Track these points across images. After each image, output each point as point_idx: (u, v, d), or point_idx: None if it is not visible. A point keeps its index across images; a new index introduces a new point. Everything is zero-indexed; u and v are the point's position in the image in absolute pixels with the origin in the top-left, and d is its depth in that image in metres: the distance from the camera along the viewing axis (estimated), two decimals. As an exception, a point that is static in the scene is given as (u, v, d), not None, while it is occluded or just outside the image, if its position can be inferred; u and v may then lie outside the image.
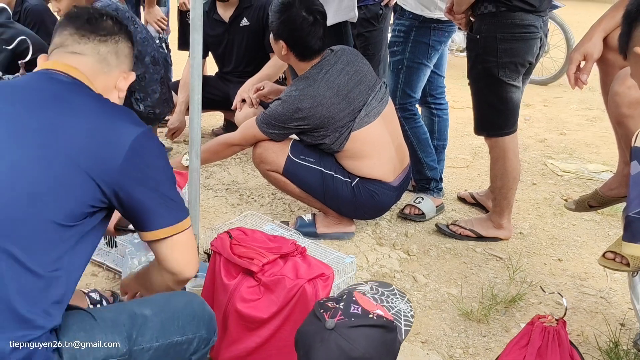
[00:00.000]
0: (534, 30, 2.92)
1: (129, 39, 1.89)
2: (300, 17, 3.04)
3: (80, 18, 1.80)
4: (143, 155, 1.65)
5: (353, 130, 3.07)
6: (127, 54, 1.88)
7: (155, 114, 4.04)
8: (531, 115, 5.52)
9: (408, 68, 3.38)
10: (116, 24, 1.85)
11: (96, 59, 1.78)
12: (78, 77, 1.72)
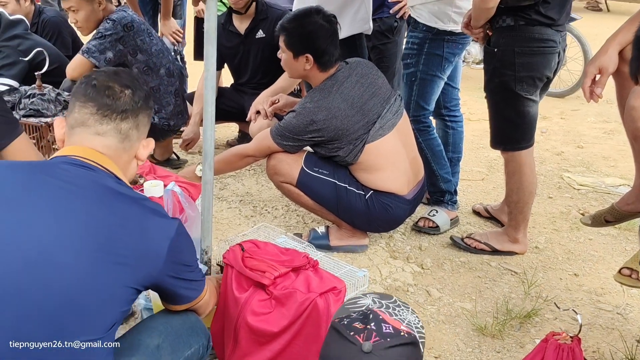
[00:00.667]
0: (553, 45, 2.89)
1: (148, 105, 1.87)
2: (320, 26, 3.06)
3: (99, 92, 1.77)
4: (180, 252, 1.73)
5: (367, 142, 3.06)
6: (146, 123, 1.86)
7: (170, 126, 4.07)
8: (548, 128, 5.48)
9: (422, 80, 3.36)
10: (135, 92, 1.82)
11: (118, 138, 1.77)
12: (107, 166, 1.72)
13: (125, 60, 3.81)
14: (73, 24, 3.81)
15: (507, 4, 2.83)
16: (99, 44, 3.68)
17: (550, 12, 2.84)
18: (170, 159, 4.31)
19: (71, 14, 3.74)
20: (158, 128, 4.04)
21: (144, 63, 3.87)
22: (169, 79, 4.02)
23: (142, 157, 1.86)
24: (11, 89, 3.60)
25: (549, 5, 2.82)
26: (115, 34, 3.70)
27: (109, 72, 1.86)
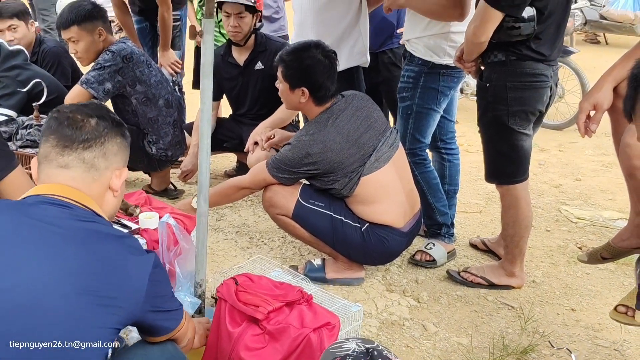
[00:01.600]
0: (544, 80, 2.91)
1: (117, 133, 1.82)
2: (318, 61, 3.08)
3: (61, 124, 1.74)
4: (158, 285, 1.72)
5: (363, 175, 3.06)
6: (116, 152, 1.81)
7: (167, 157, 4.07)
8: (546, 160, 5.49)
9: (417, 113, 3.37)
10: (101, 121, 1.79)
11: (83, 168, 1.73)
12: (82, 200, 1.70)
13: (124, 91, 3.83)
14: (73, 54, 3.84)
15: (498, 39, 2.85)
16: (98, 75, 3.70)
17: (541, 48, 2.86)
18: (168, 189, 4.31)
19: (71, 45, 3.77)
20: (156, 158, 4.05)
21: (143, 94, 3.89)
22: (168, 110, 4.03)
23: (115, 187, 1.81)
24: (9, 120, 3.62)
25: (540, 41, 2.85)
26: (114, 66, 3.72)
27: (76, 105, 1.84)
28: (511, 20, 2.79)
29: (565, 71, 6.16)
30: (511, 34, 2.82)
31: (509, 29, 2.81)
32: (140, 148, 3.98)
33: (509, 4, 2.75)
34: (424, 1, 3.21)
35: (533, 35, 2.82)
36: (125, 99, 3.89)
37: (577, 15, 8.54)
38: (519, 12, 2.77)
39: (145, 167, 4.22)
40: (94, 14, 3.73)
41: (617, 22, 8.60)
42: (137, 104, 3.90)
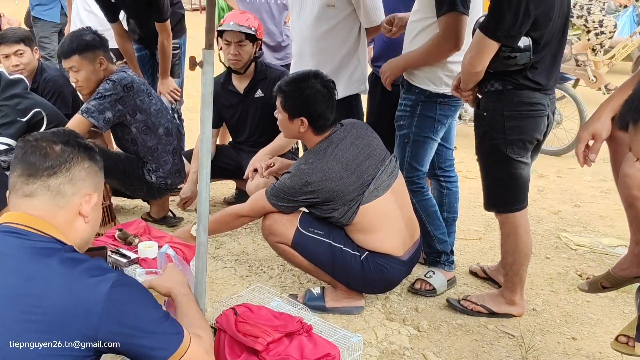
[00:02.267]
0: (541, 108, 2.93)
1: (85, 157, 1.81)
2: (317, 91, 3.10)
3: (25, 152, 1.74)
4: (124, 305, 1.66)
5: (362, 204, 3.06)
6: (84, 177, 1.80)
7: (167, 185, 4.08)
8: (545, 187, 5.49)
9: (414, 142, 3.38)
10: (66, 146, 1.78)
11: (48, 196, 1.73)
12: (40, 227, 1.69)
13: (124, 120, 3.84)
14: (74, 83, 3.86)
15: (495, 69, 2.87)
16: (99, 104, 3.72)
17: (537, 78, 2.88)
18: (167, 217, 4.31)
19: (72, 74, 3.79)
20: (155, 187, 4.06)
21: (143, 123, 3.90)
22: (167, 138, 4.05)
23: (85, 213, 1.79)
24: (8, 149, 3.62)
25: (536, 70, 2.87)
26: (115, 95, 3.74)
27: (42, 132, 1.84)
28: (507, 50, 2.81)
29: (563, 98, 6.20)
30: (507, 64, 2.84)
31: (505, 58, 2.83)
32: (140, 176, 3.98)
33: (504, 34, 2.77)
34: (419, 52, 3.24)
35: (529, 65, 2.84)
36: (125, 128, 3.90)
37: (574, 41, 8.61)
38: (515, 42, 2.80)
39: (144, 195, 4.22)
40: (95, 43, 3.76)
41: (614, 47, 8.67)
42: (137, 132, 3.91)
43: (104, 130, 3.84)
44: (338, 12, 3.66)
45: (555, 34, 2.89)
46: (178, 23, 4.91)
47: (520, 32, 2.78)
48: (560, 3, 2.86)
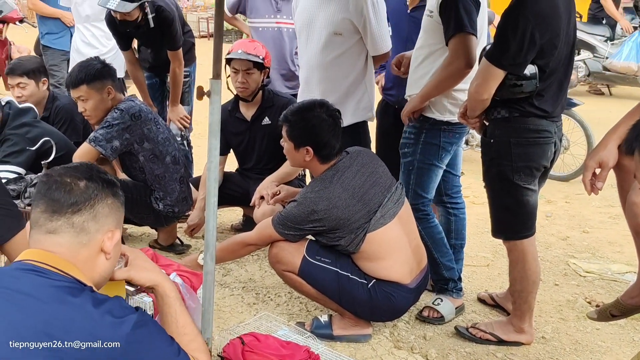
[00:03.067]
0: (548, 136, 2.93)
1: (108, 193, 1.80)
2: (322, 120, 3.11)
3: (49, 188, 1.73)
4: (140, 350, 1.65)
5: (368, 231, 3.06)
6: (107, 213, 1.79)
7: (174, 213, 4.09)
8: (553, 212, 5.48)
9: (419, 169, 3.39)
10: (91, 182, 1.77)
11: (71, 233, 1.71)
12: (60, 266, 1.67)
13: (132, 148, 3.87)
14: (82, 112, 3.89)
15: (501, 96, 2.88)
16: (106, 132, 3.74)
17: (544, 105, 2.89)
18: (175, 244, 4.32)
19: (80, 103, 3.82)
20: (163, 214, 4.07)
21: (150, 151, 3.92)
22: (175, 166, 4.07)
23: (108, 250, 1.78)
24: (17, 178, 3.65)
25: (543, 98, 2.88)
26: (122, 123, 3.77)
27: (65, 167, 1.82)
28: (513, 78, 2.83)
29: (570, 123, 6.20)
30: (514, 92, 2.85)
31: (511, 86, 2.84)
32: (147, 204, 4.00)
33: (510, 62, 2.79)
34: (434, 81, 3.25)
35: (536, 92, 2.85)
36: (133, 156, 3.92)
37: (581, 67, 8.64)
38: (521, 70, 2.81)
39: (152, 223, 4.23)
40: (103, 73, 3.80)
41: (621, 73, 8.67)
42: (145, 161, 3.93)
43: (112, 158, 3.86)
44: (345, 40, 3.69)
45: (561, 62, 2.91)
46: (188, 51, 4.96)
47: (526, 61, 2.80)
48: (566, 31, 2.88)
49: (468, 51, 3.13)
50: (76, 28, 5.29)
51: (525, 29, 2.75)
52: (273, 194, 3.65)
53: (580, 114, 6.44)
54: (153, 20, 4.43)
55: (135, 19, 4.38)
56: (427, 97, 3.29)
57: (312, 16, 3.74)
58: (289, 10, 4.58)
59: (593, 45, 8.91)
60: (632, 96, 9.25)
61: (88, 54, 4.67)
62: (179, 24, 4.59)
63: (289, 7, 4.61)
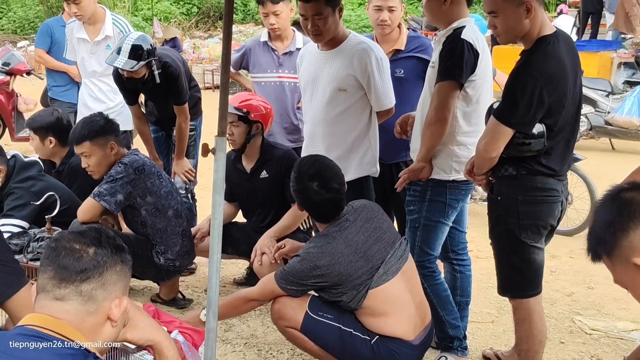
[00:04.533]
0: (555, 194, 2.94)
1: (117, 260, 1.79)
2: (312, 192, 3.12)
3: (58, 254, 1.72)
4: None
5: (371, 288, 3.04)
6: (115, 280, 1.77)
7: (175, 267, 4.08)
8: (557, 267, 5.43)
9: (425, 226, 3.38)
10: (100, 249, 1.76)
11: (79, 301, 1.70)
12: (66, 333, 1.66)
13: (135, 202, 3.88)
14: (85, 167, 3.90)
15: (509, 154, 2.89)
16: (110, 187, 3.76)
17: (551, 163, 2.90)
18: (176, 298, 4.28)
19: (83, 159, 3.85)
20: (164, 268, 4.05)
21: (153, 205, 3.93)
22: (177, 220, 4.07)
23: (115, 318, 1.76)
24: (21, 232, 3.65)
25: (550, 156, 2.89)
26: (126, 177, 3.78)
27: (74, 232, 1.81)
28: (521, 137, 2.85)
29: (573, 178, 6.19)
30: (521, 150, 2.87)
31: (519, 144, 2.86)
32: (149, 258, 3.98)
33: (519, 121, 2.81)
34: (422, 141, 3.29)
35: (543, 151, 2.87)
36: (135, 210, 3.93)
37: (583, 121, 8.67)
38: (529, 129, 2.83)
39: (153, 277, 4.21)
40: (106, 129, 3.84)
41: (623, 128, 8.71)
42: (147, 214, 3.93)
43: (116, 212, 3.87)
44: (349, 96, 3.71)
45: (568, 121, 2.93)
46: (195, 105, 5.01)
47: (534, 120, 2.82)
48: (572, 90, 2.91)
49: (444, 100, 3.16)
50: (83, 82, 5.35)
51: (533, 88, 2.78)
52: (278, 247, 3.64)
53: (583, 168, 6.45)
54: (159, 76, 4.48)
55: (142, 76, 4.43)
56: (423, 155, 3.31)
57: (316, 72, 3.77)
58: (291, 65, 4.64)
59: (594, 100, 8.96)
60: (635, 150, 9.26)
61: (96, 109, 4.72)
62: (185, 79, 4.64)
63: (290, 62, 4.67)
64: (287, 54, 4.74)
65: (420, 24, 13.05)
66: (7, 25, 20.32)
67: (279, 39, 4.76)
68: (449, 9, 3.27)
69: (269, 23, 4.65)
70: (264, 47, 4.78)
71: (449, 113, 3.19)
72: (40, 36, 6.39)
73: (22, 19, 20.17)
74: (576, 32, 13.30)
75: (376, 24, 4.01)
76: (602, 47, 11.50)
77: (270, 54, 4.75)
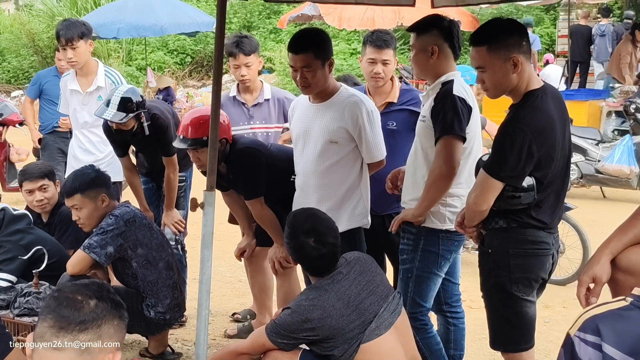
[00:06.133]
0: (546, 247, 2.95)
1: (115, 315, 1.83)
2: (309, 248, 3.11)
3: (60, 304, 1.76)
4: None
5: (363, 342, 3.01)
6: (112, 334, 1.80)
7: (166, 320, 4.03)
8: (551, 318, 5.39)
9: (417, 277, 3.37)
10: (101, 302, 1.79)
11: (76, 352, 1.73)
12: None
13: (125, 254, 3.86)
14: (76, 220, 3.89)
15: (499, 207, 2.90)
16: (101, 239, 3.74)
17: (542, 216, 2.91)
18: (165, 352, 4.22)
19: (74, 212, 3.84)
20: (154, 322, 4.00)
21: (144, 257, 3.91)
22: (168, 272, 4.04)
23: None
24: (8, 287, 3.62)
25: (540, 209, 2.90)
26: (117, 229, 3.77)
27: (77, 284, 1.85)
28: (511, 190, 2.86)
29: (564, 227, 6.19)
30: (511, 203, 2.88)
31: (509, 197, 2.87)
32: (139, 311, 3.94)
33: (508, 174, 2.83)
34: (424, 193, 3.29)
35: (533, 204, 2.87)
36: (126, 262, 3.90)
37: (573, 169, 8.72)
38: (519, 182, 2.85)
39: (142, 331, 4.15)
40: (97, 181, 3.84)
41: (613, 176, 8.76)
42: (138, 267, 3.91)
43: (106, 265, 3.84)
44: (341, 148, 3.73)
45: (558, 173, 2.95)
46: (185, 156, 4.99)
47: (524, 173, 2.84)
48: (562, 144, 2.93)
49: (451, 154, 3.19)
50: (74, 134, 5.36)
51: (522, 142, 2.80)
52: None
53: (575, 217, 6.46)
54: (148, 128, 4.50)
55: (131, 128, 4.45)
56: (423, 208, 3.30)
57: (308, 124, 3.80)
58: (261, 116, 4.74)
59: (584, 148, 9.03)
60: (626, 198, 9.29)
61: (85, 161, 4.72)
62: (174, 131, 4.66)
63: (260, 113, 4.76)
64: (256, 105, 4.79)
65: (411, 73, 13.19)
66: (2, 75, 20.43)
67: (248, 91, 4.81)
68: (436, 63, 3.33)
69: (240, 74, 4.70)
70: (234, 101, 4.83)
71: (457, 167, 3.22)
72: (30, 85, 6.66)
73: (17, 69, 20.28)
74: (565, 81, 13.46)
75: (370, 76, 4.06)
76: (591, 96, 11.64)
77: (240, 108, 4.80)
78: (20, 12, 23.61)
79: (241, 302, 5.18)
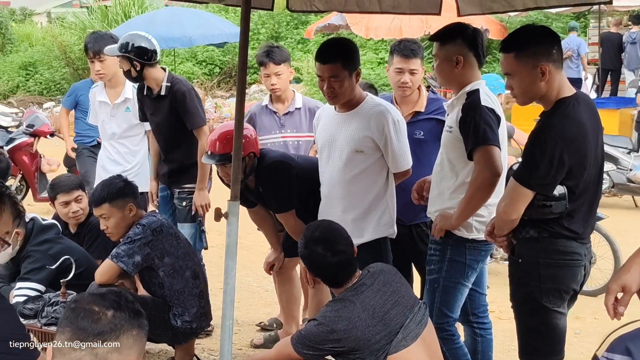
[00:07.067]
0: (578, 258, 2.90)
1: (134, 325, 1.79)
2: (319, 255, 3.10)
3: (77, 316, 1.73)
4: None
5: (390, 353, 2.98)
6: (131, 345, 1.76)
7: (192, 329, 4.04)
8: (582, 329, 5.31)
9: (444, 287, 3.34)
10: (119, 312, 1.76)
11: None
12: None
13: (152, 263, 3.88)
14: (103, 229, 3.92)
15: (530, 216, 2.86)
16: (128, 248, 3.77)
17: (574, 226, 2.86)
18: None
19: (102, 221, 3.87)
20: (180, 331, 4.01)
21: (171, 266, 3.93)
22: (194, 281, 4.05)
23: None
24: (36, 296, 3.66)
25: (572, 219, 2.85)
26: (144, 238, 3.80)
27: (94, 294, 1.82)
28: (542, 199, 2.82)
29: (595, 237, 6.10)
30: (542, 212, 2.84)
31: (540, 207, 2.83)
32: (165, 321, 3.95)
33: (539, 182, 2.79)
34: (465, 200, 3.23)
35: (565, 213, 2.83)
36: (153, 272, 3.92)
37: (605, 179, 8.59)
38: (550, 191, 2.81)
39: (169, 340, 4.16)
40: (125, 191, 3.87)
41: (645, 185, 8.63)
42: (165, 276, 3.93)
43: (133, 274, 3.87)
44: (367, 157, 3.71)
45: (590, 183, 2.90)
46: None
47: (555, 181, 2.80)
48: (594, 153, 2.88)
49: (493, 161, 3.15)
50: (102, 145, 5.42)
51: (553, 150, 2.76)
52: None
53: (606, 226, 6.36)
54: (166, 89, 4.59)
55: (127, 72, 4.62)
56: (463, 217, 3.26)
57: (333, 134, 3.79)
58: (292, 125, 4.77)
59: (616, 157, 8.92)
60: (628, 206, 9.18)
61: (113, 171, 4.75)
62: (197, 103, 4.69)
63: (291, 122, 4.80)
64: (287, 114, 4.82)
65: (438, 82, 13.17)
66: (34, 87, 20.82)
67: (280, 101, 4.84)
68: (461, 72, 3.30)
69: (270, 83, 4.74)
70: (266, 110, 4.86)
71: (501, 172, 3.18)
72: (66, 97, 6.76)
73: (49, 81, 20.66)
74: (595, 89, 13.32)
75: (397, 86, 4.04)
76: (623, 104, 11.49)
77: (272, 117, 4.83)
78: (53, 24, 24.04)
79: (268, 312, 5.20)
